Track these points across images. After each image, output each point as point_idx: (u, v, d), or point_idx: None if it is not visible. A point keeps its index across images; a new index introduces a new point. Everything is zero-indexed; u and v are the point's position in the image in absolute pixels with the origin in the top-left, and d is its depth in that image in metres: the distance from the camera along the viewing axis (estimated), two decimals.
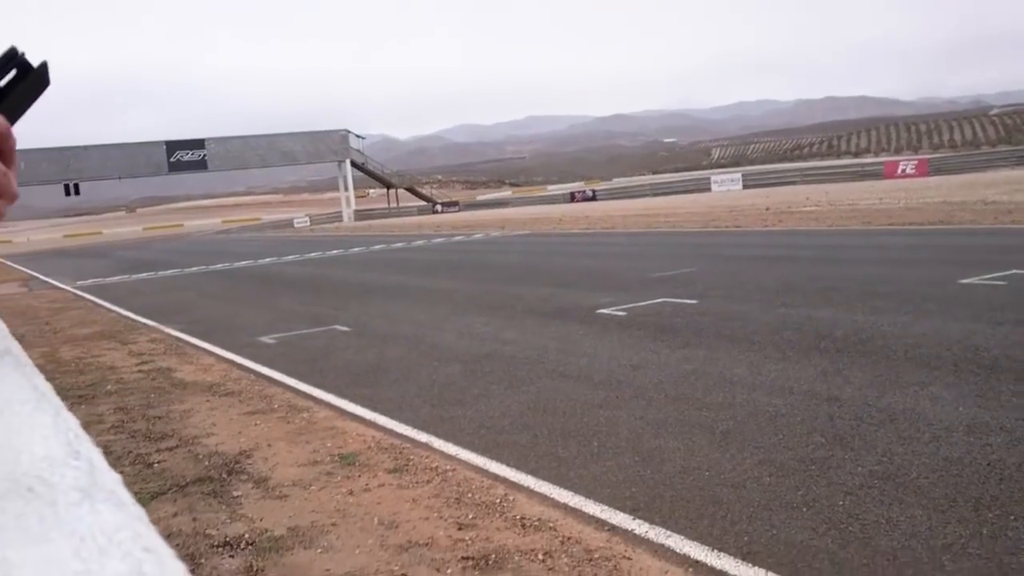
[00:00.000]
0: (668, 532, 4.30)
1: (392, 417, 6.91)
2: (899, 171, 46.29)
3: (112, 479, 0.44)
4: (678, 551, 4.09)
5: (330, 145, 68.96)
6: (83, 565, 0.32)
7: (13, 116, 0.77)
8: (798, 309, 9.79)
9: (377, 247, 30.78)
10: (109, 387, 9.08)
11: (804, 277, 12.36)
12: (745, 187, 52.34)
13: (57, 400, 0.63)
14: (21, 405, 0.58)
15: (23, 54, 0.78)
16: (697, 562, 3.97)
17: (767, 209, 29.18)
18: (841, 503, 4.43)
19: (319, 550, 4.48)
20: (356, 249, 30.78)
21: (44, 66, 0.79)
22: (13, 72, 0.77)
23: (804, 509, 4.41)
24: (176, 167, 63.93)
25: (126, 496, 0.41)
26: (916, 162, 47.79)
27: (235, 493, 5.47)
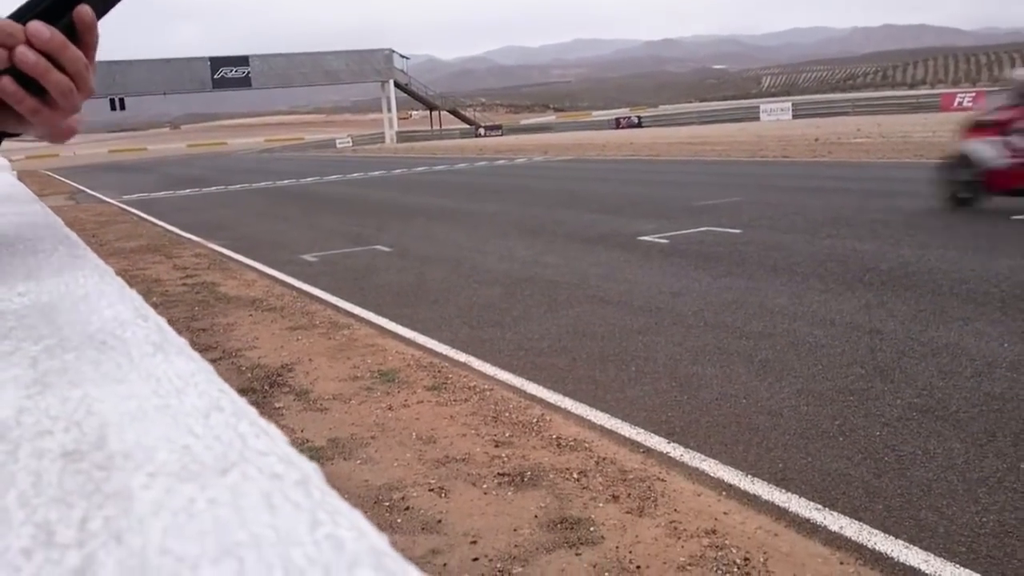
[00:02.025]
0: (703, 457, 4.34)
1: (431, 336, 6.99)
2: (956, 104, 44.97)
3: (181, 340, 0.45)
4: (712, 475, 4.13)
5: (374, 65, 68.41)
6: (162, 400, 0.34)
7: (100, 11, 0.78)
8: (844, 241, 9.65)
9: (419, 169, 30.74)
10: (154, 299, 9.26)
11: (851, 209, 12.15)
12: (795, 117, 51.24)
13: (119, 279, 0.65)
14: (86, 278, 0.60)
15: None
16: (731, 486, 4.01)
17: (816, 140, 28.60)
18: (878, 434, 4.42)
19: (358, 462, 4.59)
20: (398, 171, 30.76)
21: None
22: None
23: (840, 439, 4.41)
24: (220, 84, 63.95)
25: (195, 353, 0.42)
26: (974, 94, 46.38)
27: (277, 405, 5.60)
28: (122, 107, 60.34)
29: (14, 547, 0.22)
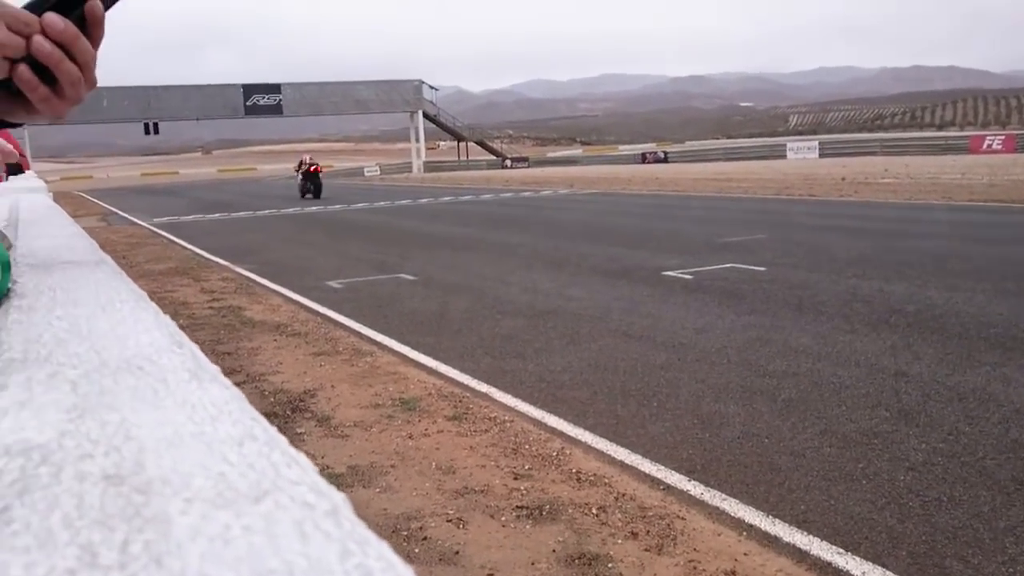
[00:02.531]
0: (724, 496, 4.30)
1: (453, 366, 6.99)
2: (985, 146, 44.73)
3: (214, 368, 0.46)
4: (733, 515, 4.09)
5: (403, 95, 69.04)
6: (197, 428, 0.35)
7: (107, 4, 0.83)
8: (870, 282, 9.59)
9: (445, 199, 30.91)
10: (181, 322, 9.30)
11: (878, 250, 12.09)
12: (822, 155, 51.15)
13: (154, 304, 0.66)
14: (122, 303, 0.61)
15: None
16: (751, 527, 3.96)
17: (843, 179, 28.51)
18: (903, 478, 4.37)
19: (377, 490, 4.58)
20: (424, 200, 30.94)
21: None
22: None
23: (864, 482, 4.36)
24: (252, 111, 64.72)
25: (228, 381, 0.43)
26: (1003, 138, 46.10)
27: (298, 430, 5.61)
28: (156, 131, 61.22)
29: (60, 567, 0.23)
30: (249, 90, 64.45)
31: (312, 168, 34.05)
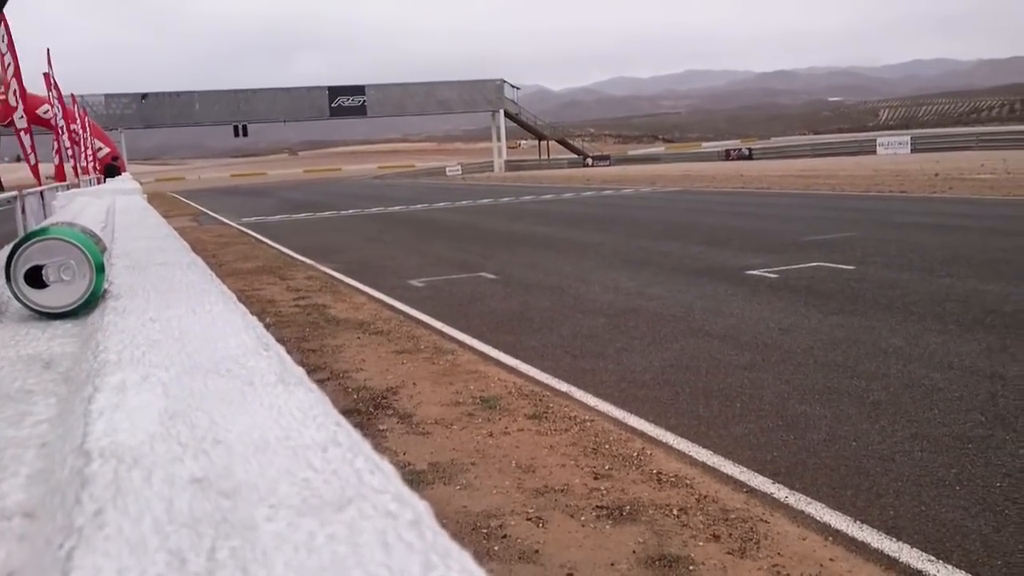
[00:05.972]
0: (809, 499, 4.21)
1: (534, 365, 7.00)
2: None
3: (300, 371, 0.47)
4: (818, 519, 4.00)
5: (485, 94, 69.44)
6: (283, 432, 0.35)
7: None
8: (964, 281, 9.26)
9: (526, 198, 30.95)
10: (268, 320, 9.55)
11: (973, 248, 11.66)
12: (914, 151, 49.51)
13: (242, 306, 0.68)
14: (212, 305, 0.63)
15: None
16: (838, 532, 3.87)
17: (936, 175, 27.58)
18: (998, 485, 4.21)
19: (458, 487, 4.62)
20: (506, 199, 31.04)
21: None
22: None
23: (957, 488, 4.22)
24: (337, 112, 65.92)
25: (313, 385, 0.44)
26: None
27: (381, 427, 5.69)
28: (244, 134, 62.92)
29: (150, 573, 0.24)
30: (334, 92, 65.67)
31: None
